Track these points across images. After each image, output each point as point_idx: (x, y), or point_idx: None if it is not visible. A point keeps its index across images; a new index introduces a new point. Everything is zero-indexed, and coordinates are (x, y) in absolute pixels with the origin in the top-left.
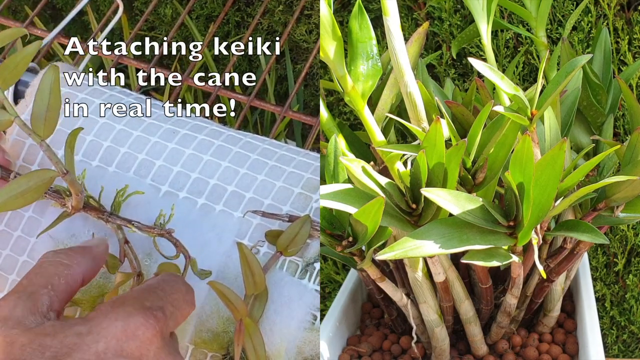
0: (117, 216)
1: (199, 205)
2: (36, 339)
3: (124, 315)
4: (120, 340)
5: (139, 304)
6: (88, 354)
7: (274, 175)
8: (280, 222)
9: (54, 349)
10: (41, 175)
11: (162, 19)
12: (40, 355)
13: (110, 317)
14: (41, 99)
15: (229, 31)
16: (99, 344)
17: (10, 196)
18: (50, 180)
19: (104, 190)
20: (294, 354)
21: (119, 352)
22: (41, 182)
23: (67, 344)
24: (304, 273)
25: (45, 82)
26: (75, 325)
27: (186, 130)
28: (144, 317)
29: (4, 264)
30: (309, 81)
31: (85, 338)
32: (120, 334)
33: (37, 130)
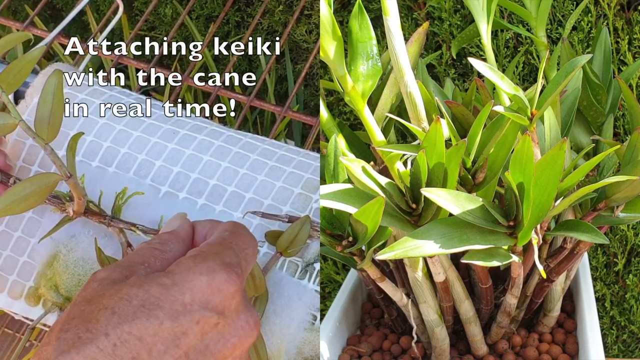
0: (120, 220)
1: (199, 205)
2: (123, 290)
3: (207, 270)
4: (205, 293)
5: (220, 259)
6: (175, 305)
7: (273, 175)
8: (280, 222)
9: (140, 298)
10: (44, 179)
11: (162, 19)
12: (128, 303)
13: (194, 271)
14: (44, 103)
15: (229, 31)
16: (185, 295)
17: (13, 200)
18: (53, 183)
19: (104, 190)
20: (294, 354)
21: (204, 305)
22: (44, 186)
23: (153, 294)
24: (304, 273)
25: (48, 87)
26: (160, 277)
27: (186, 130)
28: (227, 273)
29: (4, 264)
30: (309, 81)
31: (171, 289)
32: (205, 288)
33: (41, 134)
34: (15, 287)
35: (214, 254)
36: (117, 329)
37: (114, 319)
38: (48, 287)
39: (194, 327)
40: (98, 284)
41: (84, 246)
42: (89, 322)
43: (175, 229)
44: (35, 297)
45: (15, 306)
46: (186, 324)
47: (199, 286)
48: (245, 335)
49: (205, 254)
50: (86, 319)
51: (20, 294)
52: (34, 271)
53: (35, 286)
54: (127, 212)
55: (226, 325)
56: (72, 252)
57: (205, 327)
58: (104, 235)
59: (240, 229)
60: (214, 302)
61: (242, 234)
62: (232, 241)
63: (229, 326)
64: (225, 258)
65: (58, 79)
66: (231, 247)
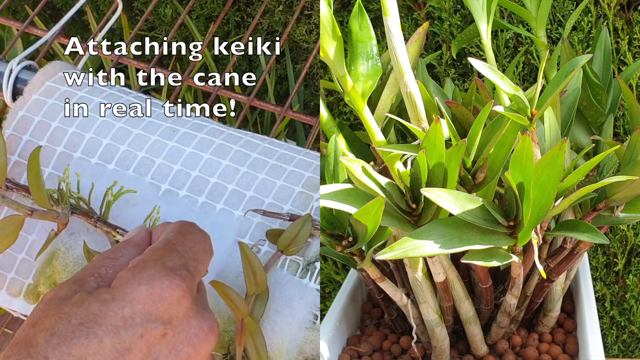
0: (104, 222)
1: (199, 203)
2: (64, 308)
3: (147, 279)
4: (146, 304)
5: (160, 265)
6: (115, 320)
7: (274, 174)
8: (281, 221)
9: (79, 316)
10: (10, 222)
11: (162, 19)
12: (67, 323)
13: (132, 283)
14: None
15: (229, 31)
16: (124, 309)
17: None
18: (19, 224)
19: (104, 188)
20: (295, 354)
21: (146, 316)
22: (12, 227)
23: (92, 311)
24: (305, 272)
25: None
26: (100, 294)
27: (186, 128)
28: (168, 278)
29: (2, 261)
30: (309, 81)
31: (110, 304)
32: (146, 298)
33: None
34: (14, 285)
35: (154, 260)
36: (56, 351)
37: (53, 340)
38: (47, 284)
39: (138, 342)
40: (45, 304)
41: (82, 244)
42: (31, 345)
43: (129, 237)
44: (34, 295)
45: (15, 304)
46: (128, 339)
47: (139, 297)
48: (199, 342)
49: (145, 262)
50: (28, 343)
51: (19, 291)
52: (32, 269)
53: (34, 284)
54: (127, 210)
55: (176, 334)
56: (72, 250)
57: (151, 339)
58: (102, 233)
59: (187, 227)
60: (158, 311)
61: (189, 231)
62: (177, 242)
63: (179, 335)
64: (167, 262)
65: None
66: (174, 249)
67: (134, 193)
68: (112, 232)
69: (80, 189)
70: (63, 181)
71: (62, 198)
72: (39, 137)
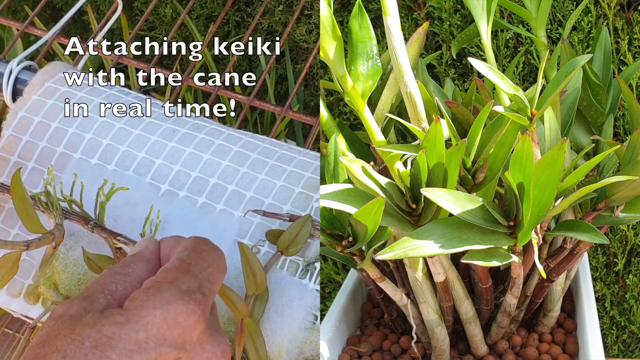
0: (103, 228)
1: (199, 204)
2: (76, 329)
3: (161, 302)
4: (161, 328)
5: (175, 288)
6: (129, 344)
7: (274, 174)
8: (280, 221)
9: (92, 339)
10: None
11: (162, 19)
12: (80, 344)
13: (147, 306)
14: None
15: (229, 31)
16: (139, 333)
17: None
18: (17, 259)
19: (104, 188)
20: (295, 354)
21: (160, 341)
22: (10, 263)
23: (105, 334)
24: (305, 273)
25: None
26: (113, 315)
27: (186, 129)
28: (183, 303)
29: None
30: (309, 81)
31: (124, 327)
32: (160, 322)
33: None
34: (14, 285)
35: (169, 282)
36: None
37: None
38: (47, 285)
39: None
40: (54, 322)
41: (83, 244)
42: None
43: (139, 250)
44: (34, 296)
45: (14, 304)
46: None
47: (153, 321)
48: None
49: (159, 284)
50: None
51: (19, 292)
52: (32, 269)
53: (34, 284)
54: (127, 210)
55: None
56: (71, 251)
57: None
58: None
59: (201, 245)
60: (172, 336)
61: (204, 250)
62: (192, 262)
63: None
64: (181, 285)
65: None
66: (189, 271)
67: (135, 193)
68: (112, 239)
69: (73, 192)
70: (49, 184)
71: (53, 205)
72: (39, 138)
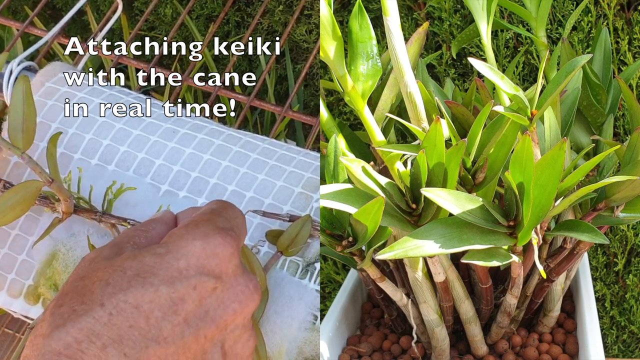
0: (111, 215)
1: (199, 204)
2: (116, 263)
3: (200, 235)
4: (200, 257)
5: (212, 224)
6: (170, 271)
7: (274, 174)
8: (280, 221)
9: (134, 268)
10: (28, 187)
11: (162, 19)
12: (122, 274)
13: (187, 238)
14: (15, 112)
15: (229, 31)
16: (179, 261)
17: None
18: (36, 190)
19: (104, 189)
20: (294, 354)
21: (200, 269)
22: (28, 194)
23: (148, 263)
24: (305, 273)
25: (17, 94)
26: (154, 248)
27: (186, 129)
28: (221, 236)
29: (2, 262)
30: (309, 81)
31: (165, 257)
32: (200, 252)
33: (16, 143)
34: (15, 286)
35: (205, 220)
36: (112, 299)
37: (109, 289)
38: (47, 286)
39: (192, 293)
40: (89, 262)
41: (83, 245)
42: (84, 295)
43: (157, 216)
44: (34, 296)
45: (15, 305)
46: (183, 290)
47: (194, 251)
48: (246, 299)
49: (197, 222)
50: (80, 293)
51: (19, 292)
52: (33, 270)
53: (34, 285)
54: (127, 210)
55: (224, 290)
56: (72, 251)
57: (203, 292)
58: (103, 235)
59: (227, 203)
60: (210, 266)
61: (231, 206)
62: (222, 210)
63: (227, 291)
64: (217, 223)
65: (26, 86)
66: (222, 214)
67: (135, 194)
68: (122, 223)
69: (80, 190)
70: (65, 182)
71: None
72: (39, 138)
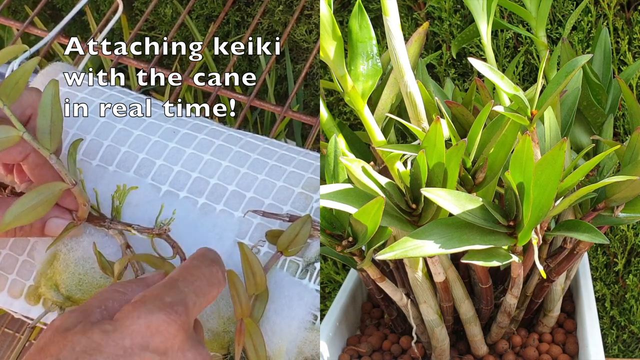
0: (118, 222)
1: (199, 204)
2: (69, 336)
3: (145, 313)
4: (145, 336)
5: (159, 301)
6: (116, 349)
7: (274, 174)
8: (280, 221)
9: (83, 345)
10: (50, 188)
11: (162, 19)
12: (71, 350)
13: (133, 316)
14: (44, 114)
15: (229, 31)
16: (125, 340)
17: (21, 211)
18: (59, 192)
19: (105, 189)
20: (294, 354)
21: (144, 347)
22: (51, 195)
23: (95, 340)
24: (305, 273)
25: (46, 97)
26: (103, 325)
27: (186, 129)
28: (165, 313)
29: (3, 263)
30: (309, 81)
31: (112, 335)
32: (144, 331)
33: (45, 144)
34: (15, 286)
35: (154, 296)
36: None
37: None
38: (48, 286)
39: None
40: (52, 332)
41: (84, 245)
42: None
43: (144, 277)
44: (35, 296)
45: (15, 305)
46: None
47: (138, 330)
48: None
49: (145, 298)
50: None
51: (20, 292)
52: (33, 270)
53: (35, 285)
54: (128, 211)
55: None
56: (73, 252)
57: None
58: (104, 235)
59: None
60: (154, 343)
61: (196, 265)
62: (179, 278)
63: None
64: (165, 298)
65: (54, 89)
66: (175, 286)
67: (136, 194)
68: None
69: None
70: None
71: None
72: None
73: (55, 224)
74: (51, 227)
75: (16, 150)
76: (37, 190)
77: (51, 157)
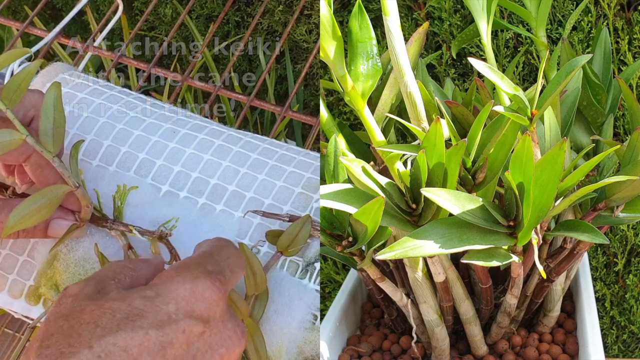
0: (120, 223)
1: (199, 204)
2: (105, 304)
3: (190, 278)
4: (189, 302)
5: (202, 268)
6: (160, 315)
7: (274, 174)
8: (280, 221)
9: (123, 311)
10: (54, 191)
11: (162, 19)
12: (111, 316)
13: (177, 281)
14: (46, 117)
15: (229, 31)
16: (169, 305)
17: (25, 214)
18: (63, 195)
19: (105, 189)
20: (294, 354)
21: (189, 313)
22: (55, 198)
23: (137, 306)
24: (305, 273)
25: (48, 99)
26: (142, 290)
27: (186, 129)
28: (210, 280)
29: (4, 263)
30: (309, 81)
31: (154, 300)
32: (189, 296)
33: (47, 147)
34: (16, 286)
35: (196, 263)
36: (101, 341)
37: (97, 331)
38: (48, 286)
39: (180, 337)
40: (72, 299)
41: (85, 246)
42: (71, 336)
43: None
44: (35, 296)
45: (16, 305)
46: (172, 334)
47: (183, 295)
48: (233, 345)
49: (187, 264)
50: (67, 334)
51: (20, 293)
52: (34, 270)
53: (35, 285)
54: (128, 211)
55: (212, 334)
56: (73, 252)
57: (191, 336)
58: (105, 235)
59: (222, 242)
60: (199, 310)
61: (224, 245)
62: (214, 252)
63: (215, 335)
64: (207, 266)
65: (57, 92)
66: (212, 257)
67: (136, 194)
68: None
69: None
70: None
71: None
72: None
73: (58, 226)
74: (54, 228)
75: (18, 151)
76: (41, 193)
77: (54, 160)
